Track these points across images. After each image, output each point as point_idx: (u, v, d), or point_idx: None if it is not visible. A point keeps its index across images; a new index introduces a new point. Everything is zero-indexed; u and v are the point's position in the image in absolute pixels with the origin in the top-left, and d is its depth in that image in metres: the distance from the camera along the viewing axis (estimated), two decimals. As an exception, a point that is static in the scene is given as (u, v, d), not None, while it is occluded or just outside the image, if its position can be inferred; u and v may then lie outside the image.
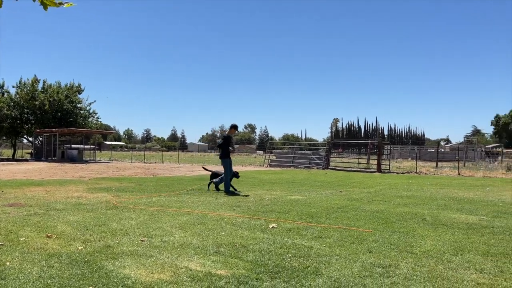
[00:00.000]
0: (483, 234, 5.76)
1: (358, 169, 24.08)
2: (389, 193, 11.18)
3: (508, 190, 12.73)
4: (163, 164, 29.72)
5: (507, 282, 3.67)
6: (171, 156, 44.96)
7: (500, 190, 12.68)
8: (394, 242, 5.19)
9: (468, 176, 19.53)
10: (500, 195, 11.16)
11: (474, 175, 20.27)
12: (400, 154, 49.38)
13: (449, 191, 11.99)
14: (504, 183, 15.44)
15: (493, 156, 38.67)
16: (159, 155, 44.06)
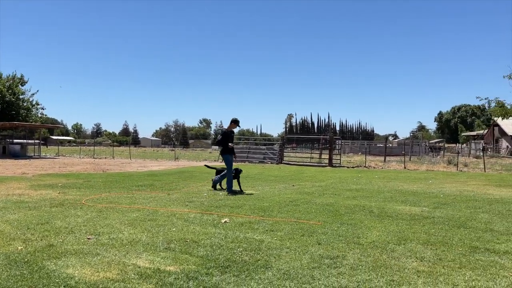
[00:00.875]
0: (425, 224, 6.08)
1: (311, 164, 24.61)
2: (339, 187, 11.52)
3: (448, 182, 13.53)
4: (113, 159, 28.80)
5: (445, 269, 3.89)
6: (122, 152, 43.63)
7: (441, 182, 13.44)
8: (342, 233, 5.35)
9: (413, 170, 20.54)
10: (441, 187, 11.83)
11: (419, 168, 21.36)
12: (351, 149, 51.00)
13: (395, 184, 12.55)
14: (445, 176, 16.39)
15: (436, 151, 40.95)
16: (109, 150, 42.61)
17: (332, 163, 23.18)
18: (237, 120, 10.37)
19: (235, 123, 10.31)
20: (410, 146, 38.67)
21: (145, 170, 17.68)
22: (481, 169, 20.74)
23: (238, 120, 10.36)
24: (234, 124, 10.30)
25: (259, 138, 65.31)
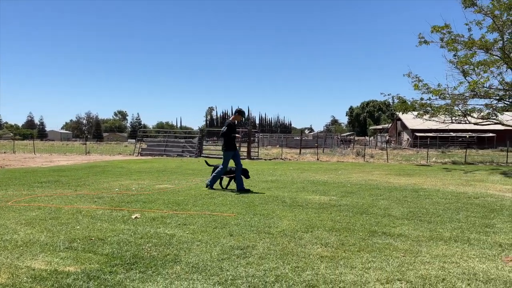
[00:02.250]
0: (331, 212, 6.43)
1: (230, 157, 24.75)
2: (255, 178, 11.73)
3: (356, 172, 14.50)
4: (15, 154, 26.25)
5: (346, 253, 4.15)
6: (26, 146, 39.90)
7: (350, 172, 14.37)
8: (254, 224, 5.45)
9: (325, 161, 21.69)
10: (349, 177, 12.63)
11: (330, 160, 22.61)
12: (269, 141, 52.31)
13: (308, 175, 13.13)
14: (353, 167, 17.56)
15: (346, 143, 43.67)
16: (10, 144, 38.74)
17: (251, 156, 23.56)
18: (243, 111, 9.37)
19: (240, 114, 9.31)
20: (323, 139, 40.77)
21: (51, 165, 16.39)
22: (384, 160, 22.56)
23: (244, 111, 9.44)
24: (239, 115, 9.32)
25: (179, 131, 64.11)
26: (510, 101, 19.47)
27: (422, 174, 13.98)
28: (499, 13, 16.71)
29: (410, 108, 20.55)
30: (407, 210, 6.67)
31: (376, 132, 72.95)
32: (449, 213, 6.44)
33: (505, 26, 16.86)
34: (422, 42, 18.79)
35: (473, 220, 5.88)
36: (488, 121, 20.01)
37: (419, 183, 11.12)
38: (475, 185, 10.72)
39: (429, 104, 19.68)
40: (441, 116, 20.22)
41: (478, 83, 17.69)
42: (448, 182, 11.33)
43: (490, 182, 11.64)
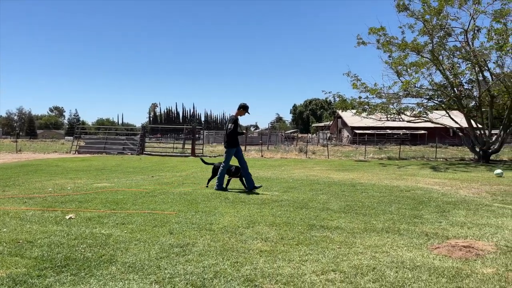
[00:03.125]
0: (273, 208, 6.54)
1: (174, 154, 24.34)
2: (200, 176, 11.64)
3: (298, 168, 14.86)
4: None
5: (285, 247, 4.24)
6: None
7: (292, 169, 14.69)
8: (196, 221, 5.41)
9: (269, 158, 22.01)
10: (291, 173, 12.91)
11: (274, 156, 22.97)
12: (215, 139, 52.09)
13: (252, 172, 13.14)
14: (296, 163, 17.97)
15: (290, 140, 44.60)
16: None
17: (195, 153, 23.32)
18: (247, 106, 8.87)
19: (244, 109, 8.82)
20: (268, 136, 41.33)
21: (-23, 165, 15.14)
22: (325, 156, 23.32)
23: (248, 106, 8.92)
24: (243, 110, 8.82)
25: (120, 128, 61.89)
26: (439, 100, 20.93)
27: (360, 170, 14.62)
28: (429, 18, 17.86)
29: (349, 106, 21.40)
30: (344, 204, 6.95)
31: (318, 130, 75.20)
32: (383, 206, 6.80)
33: (434, 30, 18.06)
34: (360, 43, 19.63)
35: (403, 212, 6.25)
36: (420, 119, 21.35)
37: (357, 178, 11.61)
38: (407, 179, 11.40)
39: (366, 103, 20.62)
40: (377, 114, 21.25)
41: (410, 83, 18.82)
42: (383, 177, 11.94)
43: (420, 176, 12.44)
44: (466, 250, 4.12)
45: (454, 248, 4.20)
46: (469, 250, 4.11)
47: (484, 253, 4.03)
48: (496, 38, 17.60)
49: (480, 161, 18.91)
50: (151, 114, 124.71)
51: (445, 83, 19.79)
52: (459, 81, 19.59)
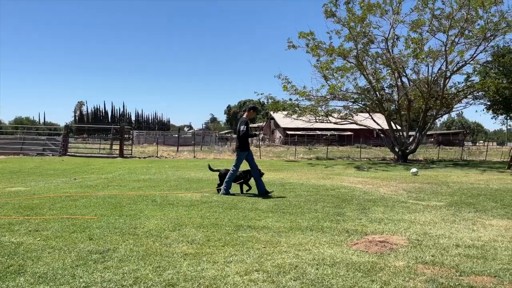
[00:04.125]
0: (202, 209, 6.46)
1: (100, 155, 23.20)
2: (127, 178, 11.20)
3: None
4: None
5: (211, 248, 4.20)
6: None
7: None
8: (119, 226, 5.17)
9: (202, 158, 21.82)
10: (223, 174, 12.88)
11: (207, 157, 22.82)
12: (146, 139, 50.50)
13: (183, 173, 13.02)
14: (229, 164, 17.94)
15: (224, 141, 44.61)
16: None
17: (123, 154, 22.42)
18: (257, 108, 8.73)
19: (254, 111, 8.78)
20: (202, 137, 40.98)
21: None
22: (258, 156, 23.64)
23: (258, 108, 8.42)
24: (254, 112, 8.76)
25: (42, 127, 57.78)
26: (363, 103, 22.17)
27: (289, 169, 15.01)
28: (354, 25, 18.85)
29: (281, 107, 21.90)
30: (273, 204, 7.06)
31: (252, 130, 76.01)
32: (309, 205, 7.02)
33: (358, 37, 19.10)
34: (290, 47, 20.19)
35: (328, 210, 6.51)
36: (346, 121, 22.46)
37: (287, 177, 11.91)
38: (333, 178, 11.90)
39: (296, 105, 21.25)
40: (307, 115, 21.99)
41: (336, 86, 19.74)
42: (311, 176, 12.36)
43: (345, 175, 13.06)
44: (382, 245, 4.38)
45: (371, 243, 4.45)
46: (384, 245, 4.37)
47: (397, 247, 4.31)
48: (412, 47, 19.05)
49: (399, 161, 20.32)
50: (77, 113, 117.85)
51: (368, 87, 21.00)
52: (380, 85, 20.91)
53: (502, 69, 19.66)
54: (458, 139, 59.21)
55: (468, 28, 17.95)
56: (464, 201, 7.61)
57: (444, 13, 18.04)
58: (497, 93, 19.77)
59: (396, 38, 19.74)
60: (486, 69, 20.36)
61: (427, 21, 18.38)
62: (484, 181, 11.32)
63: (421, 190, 9.21)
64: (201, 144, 35.81)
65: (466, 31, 18.07)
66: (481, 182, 11.18)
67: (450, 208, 6.79)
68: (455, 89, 21.51)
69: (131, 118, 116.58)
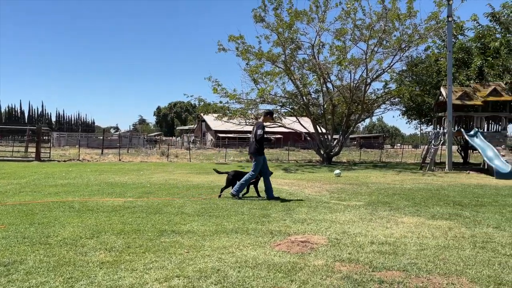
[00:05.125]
0: (124, 215, 6.19)
1: (13, 159, 21.33)
2: (43, 183, 10.42)
3: (158, 172, 14.49)
4: None
5: (130, 256, 4.03)
6: None
7: (152, 173, 14.25)
8: (29, 235, 4.77)
9: (128, 162, 20.99)
10: (150, 177, 12.50)
11: (134, 160, 22.00)
12: (67, 141, 47.44)
13: (106, 177, 12.41)
14: (156, 167, 17.52)
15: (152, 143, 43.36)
16: None
17: (40, 157, 20.83)
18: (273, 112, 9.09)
19: (270, 116, 8.82)
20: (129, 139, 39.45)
21: None
22: (188, 159, 23.31)
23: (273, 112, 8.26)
24: (270, 117, 8.77)
25: None
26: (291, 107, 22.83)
27: (219, 172, 14.96)
28: (282, 31, 19.35)
29: (211, 110, 21.81)
30: (199, 207, 6.98)
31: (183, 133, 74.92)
32: (236, 207, 7.03)
33: (286, 43, 19.65)
34: (220, 49, 20.21)
35: (254, 212, 6.57)
36: (275, 124, 22.95)
37: (216, 180, 11.84)
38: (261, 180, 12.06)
39: (227, 107, 21.29)
40: (238, 118, 22.12)
41: (265, 90, 20.12)
42: (240, 179, 12.42)
43: (273, 177, 13.27)
44: (303, 245, 4.51)
45: (293, 243, 4.56)
46: (305, 245, 4.50)
47: (317, 247, 4.46)
48: (337, 54, 20.01)
49: (324, 163, 21.22)
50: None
51: (296, 91, 21.68)
52: (307, 90, 21.70)
53: (415, 77, 21.39)
54: (378, 142, 63.30)
55: (386, 39, 19.29)
56: (381, 200, 8.12)
57: (364, 24, 19.20)
58: (410, 100, 21.46)
59: (322, 45, 20.64)
60: (402, 77, 22.00)
61: (349, 30, 19.43)
62: (399, 181, 12.19)
63: (343, 191, 9.67)
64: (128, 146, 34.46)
65: (384, 41, 19.40)
66: (397, 182, 12.03)
67: (368, 208, 7.19)
68: (375, 95, 22.99)
69: (51, 119, 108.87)
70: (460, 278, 3.46)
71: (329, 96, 21.48)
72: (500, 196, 8.93)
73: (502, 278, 3.47)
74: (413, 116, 24.47)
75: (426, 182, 11.99)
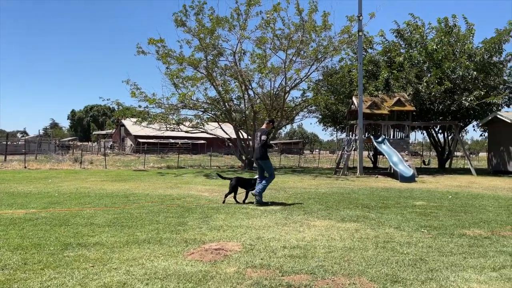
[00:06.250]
0: (24, 227, 5.67)
1: None
2: None
3: (69, 180, 13.54)
4: None
5: (26, 273, 3.68)
6: None
7: (62, 181, 13.28)
8: None
9: (35, 169, 19.34)
10: (59, 186, 11.63)
11: (42, 167, 20.33)
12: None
13: (7, 186, 11.31)
14: (68, 174, 16.36)
15: (65, 149, 40.51)
16: None
17: None
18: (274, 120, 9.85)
19: (272, 123, 9.42)
20: (38, 144, 36.41)
21: None
22: (103, 166, 22.12)
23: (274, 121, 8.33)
24: (272, 124, 9.32)
25: None
26: (213, 113, 22.80)
27: (137, 179, 14.41)
28: (203, 36, 19.30)
29: (129, 114, 20.98)
30: (112, 217, 6.63)
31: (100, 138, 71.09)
32: (151, 216, 6.80)
33: (208, 48, 19.62)
34: (140, 52, 19.57)
35: (170, 221, 6.40)
36: (197, 130, 22.76)
37: (132, 188, 11.38)
38: (181, 187, 11.85)
39: (146, 112, 20.63)
40: (158, 123, 21.54)
41: (186, 95, 19.87)
42: (158, 186, 12.07)
43: (194, 183, 13.16)
44: (217, 252, 4.49)
45: (207, 251, 4.51)
46: (219, 252, 4.48)
47: (231, 253, 4.46)
48: (257, 62, 20.43)
49: (246, 168, 21.47)
50: None
51: (218, 97, 21.71)
52: (229, 96, 21.85)
53: (330, 87, 22.61)
54: (298, 148, 65.74)
55: (303, 49, 20.13)
56: (296, 204, 8.40)
57: (284, 34, 19.87)
58: (326, 108, 22.62)
59: (243, 53, 20.94)
60: (318, 86, 23.10)
61: (269, 39, 19.96)
62: (314, 186, 12.73)
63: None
64: (36, 152, 31.77)
65: (301, 52, 20.23)
66: (312, 186, 12.55)
67: (284, 212, 7.39)
68: (294, 103, 23.84)
69: None
70: (361, 278, 3.68)
71: (251, 102, 21.83)
72: (402, 198, 9.72)
73: (398, 276, 3.76)
74: (329, 123, 25.81)
75: (339, 186, 12.67)
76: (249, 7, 19.20)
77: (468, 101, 18.73)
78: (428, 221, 6.59)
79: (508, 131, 18.78)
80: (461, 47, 20.13)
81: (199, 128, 22.63)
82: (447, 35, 20.37)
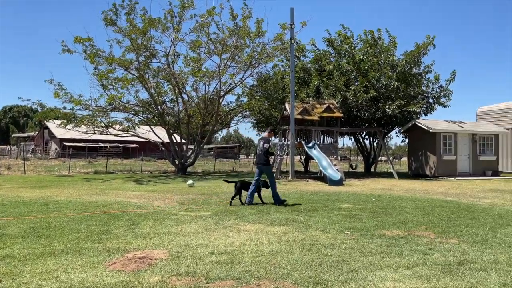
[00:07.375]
0: None
1: None
2: None
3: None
4: None
5: None
6: None
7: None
8: None
9: None
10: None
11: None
12: None
13: None
14: (-20, 181, 14.90)
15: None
16: None
17: None
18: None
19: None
20: None
21: None
22: (22, 171, 20.50)
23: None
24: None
25: None
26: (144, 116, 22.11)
27: (60, 186, 13.52)
28: (135, 37, 18.67)
29: (53, 116, 19.67)
30: (27, 227, 6.14)
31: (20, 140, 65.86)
32: (72, 224, 6.40)
33: (140, 49, 19.02)
34: (65, 51, 18.46)
35: (93, 229, 6.06)
36: (128, 133, 21.90)
37: (54, 195, 10.65)
38: (108, 193, 11.30)
39: (72, 114, 19.47)
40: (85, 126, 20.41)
41: (116, 97, 19.05)
42: (83, 192, 11.42)
43: (123, 189, 12.62)
44: (141, 261, 4.32)
45: (130, 261, 4.32)
46: (143, 261, 4.31)
47: (156, 262, 4.32)
48: (192, 65, 20.19)
49: (179, 173, 21.06)
50: None
51: (150, 100, 21.09)
52: (162, 99, 21.32)
53: (264, 92, 22.96)
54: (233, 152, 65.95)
55: (238, 54, 20.23)
56: (228, 209, 8.36)
57: (218, 38, 19.85)
58: (260, 113, 22.93)
59: (177, 55, 20.56)
60: (252, 91, 23.36)
61: (204, 43, 19.81)
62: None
63: (193, 201, 9.68)
64: None
65: (236, 57, 20.32)
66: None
67: (215, 217, 7.32)
68: (228, 108, 23.86)
69: None
70: (285, 282, 3.74)
71: (185, 106, 21.50)
72: (330, 201, 10.10)
73: (320, 278, 3.87)
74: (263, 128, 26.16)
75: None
76: (183, 9, 18.93)
77: (391, 109, 20.00)
78: (352, 223, 6.90)
79: (426, 137, 20.37)
80: (385, 58, 21.46)
81: (129, 132, 21.80)
82: (373, 47, 21.63)
